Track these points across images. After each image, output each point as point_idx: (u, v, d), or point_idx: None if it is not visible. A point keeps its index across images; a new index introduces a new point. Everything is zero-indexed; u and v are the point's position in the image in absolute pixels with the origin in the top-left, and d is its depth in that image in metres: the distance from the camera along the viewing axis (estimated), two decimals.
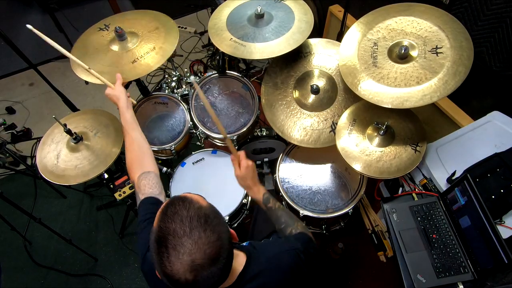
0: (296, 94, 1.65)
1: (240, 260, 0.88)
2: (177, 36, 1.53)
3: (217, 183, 1.72)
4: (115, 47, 1.50)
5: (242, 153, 1.14)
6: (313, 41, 1.68)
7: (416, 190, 1.54)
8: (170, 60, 1.93)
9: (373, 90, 1.33)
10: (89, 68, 1.30)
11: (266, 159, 2.04)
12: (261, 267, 0.90)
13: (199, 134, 1.85)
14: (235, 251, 0.85)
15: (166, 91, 1.87)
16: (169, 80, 1.97)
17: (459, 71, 1.22)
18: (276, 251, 0.95)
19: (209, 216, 0.73)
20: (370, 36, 1.43)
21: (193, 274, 0.67)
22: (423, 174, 1.54)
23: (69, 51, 1.31)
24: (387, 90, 1.31)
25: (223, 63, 1.71)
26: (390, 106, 1.28)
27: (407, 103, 1.25)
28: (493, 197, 1.28)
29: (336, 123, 1.56)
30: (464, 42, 1.25)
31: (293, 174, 1.73)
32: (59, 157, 1.49)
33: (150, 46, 1.50)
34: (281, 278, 0.92)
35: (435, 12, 1.35)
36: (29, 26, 1.14)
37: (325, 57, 1.65)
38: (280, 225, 1.12)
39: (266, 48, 1.48)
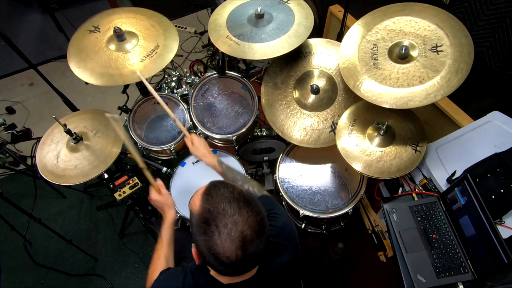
0: (296, 94, 1.65)
1: None
2: (177, 38, 1.54)
3: None
4: (112, 47, 1.49)
5: (193, 135, 1.35)
6: (313, 41, 1.68)
7: (416, 190, 1.54)
8: None
9: (376, 91, 1.32)
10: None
11: (266, 159, 2.04)
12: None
13: (199, 134, 1.85)
14: None
15: (166, 91, 1.87)
16: (169, 80, 1.97)
17: (460, 68, 1.22)
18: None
19: (252, 199, 0.80)
20: (369, 37, 1.42)
21: (243, 249, 0.73)
22: (423, 174, 1.54)
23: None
24: (390, 91, 1.30)
25: (223, 63, 1.71)
26: (394, 107, 1.27)
27: (411, 103, 1.25)
28: (493, 197, 1.28)
29: (336, 123, 1.56)
30: (463, 39, 1.25)
31: (293, 174, 1.73)
32: (59, 157, 1.49)
33: (151, 47, 1.50)
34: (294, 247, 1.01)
35: (432, 11, 1.34)
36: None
37: (325, 57, 1.65)
38: (237, 183, 1.23)
39: (259, 49, 1.48)
